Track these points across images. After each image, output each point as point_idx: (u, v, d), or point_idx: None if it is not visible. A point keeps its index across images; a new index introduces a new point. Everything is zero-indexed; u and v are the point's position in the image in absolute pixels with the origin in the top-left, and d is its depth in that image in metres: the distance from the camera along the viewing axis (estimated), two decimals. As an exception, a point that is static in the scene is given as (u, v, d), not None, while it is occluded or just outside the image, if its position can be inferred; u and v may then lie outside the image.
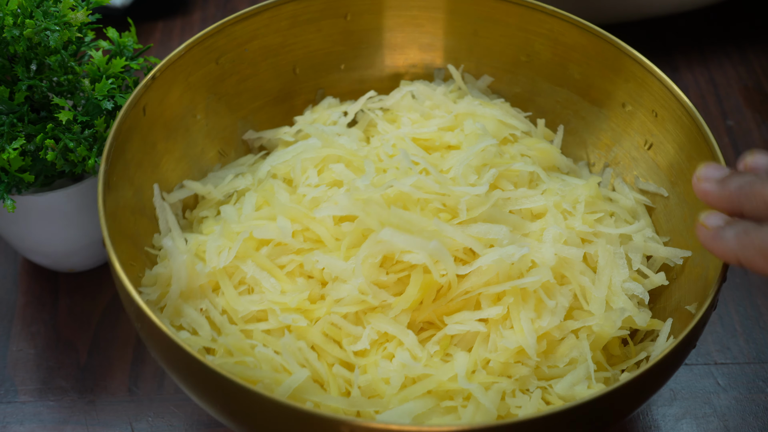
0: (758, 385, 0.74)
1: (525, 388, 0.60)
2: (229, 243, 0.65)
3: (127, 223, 0.66)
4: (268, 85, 0.79)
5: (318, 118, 0.77)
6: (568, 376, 0.60)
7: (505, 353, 0.60)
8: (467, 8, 0.78)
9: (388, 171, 0.66)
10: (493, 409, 0.58)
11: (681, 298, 0.66)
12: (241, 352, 0.60)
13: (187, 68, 0.72)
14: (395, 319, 0.61)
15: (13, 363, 0.77)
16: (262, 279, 0.64)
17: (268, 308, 0.63)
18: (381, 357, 0.61)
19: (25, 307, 0.81)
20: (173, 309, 0.64)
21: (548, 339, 0.61)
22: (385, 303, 0.62)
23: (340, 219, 0.65)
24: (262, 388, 0.58)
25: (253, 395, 0.52)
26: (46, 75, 0.70)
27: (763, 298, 0.80)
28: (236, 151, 0.78)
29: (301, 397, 0.58)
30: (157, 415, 0.73)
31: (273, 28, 0.77)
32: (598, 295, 0.63)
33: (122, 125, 0.66)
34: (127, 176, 0.67)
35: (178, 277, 0.63)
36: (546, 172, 0.72)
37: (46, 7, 0.69)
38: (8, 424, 0.73)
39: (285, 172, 0.71)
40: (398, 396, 0.59)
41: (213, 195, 0.72)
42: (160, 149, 0.71)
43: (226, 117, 0.77)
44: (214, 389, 0.55)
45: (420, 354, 0.60)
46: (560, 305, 0.62)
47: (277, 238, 0.65)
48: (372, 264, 0.62)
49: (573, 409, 0.52)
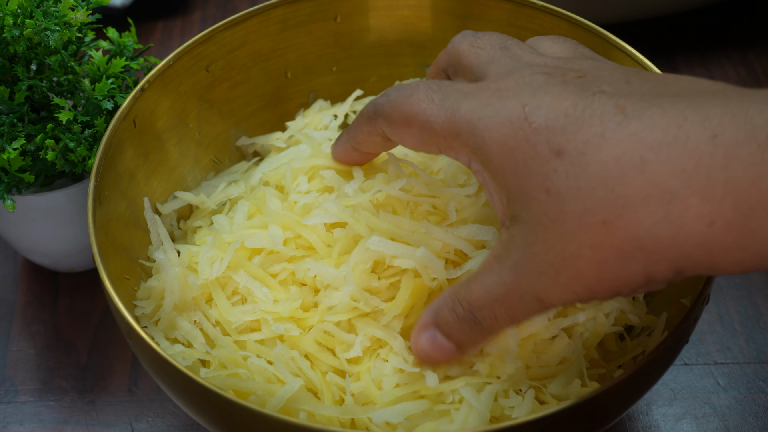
0: (758, 385, 0.74)
1: (517, 388, 0.60)
2: (221, 253, 0.65)
3: (121, 236, 0.66)
4: (260, 91, 0.79)
5: (309, 122, 0.77)
6: (561, 375, 0.60)
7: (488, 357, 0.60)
8: (456, 6, 0.78)
9: (376, 175, 0.66)
10: (486, 411, 0.57)
11: (675, 292, 0.65)
12: (234, 364, 0.61)
13: (177, 77, 0.73)
14: (387, 325, 0.61)
15: (13, 363, 0.78)
16: (255, 288, 0.64)
17: (260, 318, 0.63)
18: (373, 363, 0.61)
19: (25, 307, 0.82)
20: (167, 322, 0.64)
21: (537, 339, 0.61)
22: (377, 309, 0.62)
23: (332, 225, 0.65)
24: (255, 400, 0.58)
25: (244, 410, 0.52)
26: (46, 75, 0.70)
27: (763, 298, 0.79)
28: (230, 158, 0.78)
29: (295, 408, 0.58)
30: (157, 415, 0.74)
31: (263, 33, 0.77)
32: None
33: (112, 139, 0.66)
34: (120, 189, 0.67)
35: (171, 290, 0.64)
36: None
37: (46, 7, 0.69)
38: (8, 424, 0.74)
39: (276, 180, 0.71)
40: (390, 400, 0.59)
41: (206, 204, 0.72)
42: (153, 160, 0.72)
43: (218, 124, 0.77)
44: (206, 404, 0.55)
45: (409, 357, 0.61)
46: None
47: (269, 246, 0.65)
48: (363, 270, 0.62)
49: (570, 408, 0.52)
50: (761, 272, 0.80)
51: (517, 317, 0.52)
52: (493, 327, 0.53)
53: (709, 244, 0.44)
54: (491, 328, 0.54)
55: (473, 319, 0.53)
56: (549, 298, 0.50)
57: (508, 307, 0.51)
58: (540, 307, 0.51)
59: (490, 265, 0.52)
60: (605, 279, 0.47)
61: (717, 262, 0.45)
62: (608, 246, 0.46)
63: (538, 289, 0.49)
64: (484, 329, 0.54)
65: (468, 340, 0.55)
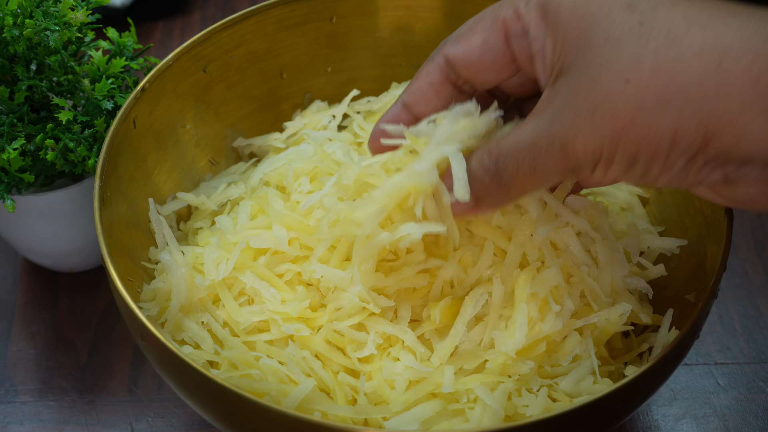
0: (758, 385, 0.75)
1: (529, 387, 0.60)
2: (227, 254, 0.65)
3: (123, 238, 0.66)
4: (256, 91, 0.78)
5: (308, 123, 0.77)
6: (573, 373, 0.60)
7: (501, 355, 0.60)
8: (451, 6, 0.78)
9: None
10: (500, 409, 0.57)
11: (679, 288, 0.66)
12: (246, 364, 0.60)
13: (175, 78, 0.72)
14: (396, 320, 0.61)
15: (13, 363, 0.77)
16: (262, 289, 0.63)
17: (269, 318, 0.62)
18: (385, 362, 0.61)
19: (25, 307, 0.81)
20: (174, 324, 0.63)
21: (548, 340, 0.61)
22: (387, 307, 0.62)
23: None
24: (269, 400, 0.57)
25: (262, 408, 0.52)
26: (46, 75, 0.70)
27: (763, 298, 0.80)
28: (227, 160, 0.78)
29: (309, 408, 0.58)
30: (157, 415, 0.73)
31: (259, 33, 0.76)
32: (602, 293, 0.63)
33: (114, 139, 0.65)
34: (120, 190, 0.67)
35: (178, 291, 0.63)
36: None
37: (46, 7, 0.69)
38: (8, 424, 0.73)
39: (278, 180, 0.71)
40: (403, 400, 0.59)
41: (206, 205, 0.71)
42: (152, 161, 0.71)
43: (215, 125, 0.76)
44: (221, 404, 0.55)
45: (422, 349, 0.60)
46: (566, 309, 0.61)
47: (274, 246, 0.65)
48: (368, 270, 0.61)
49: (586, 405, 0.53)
50: (761, 272, 0.81)
51: (538, 169, 0.52)
52: (513, 180, 0.54)
53: (746, 104, 0.46)
54: (510, 182, 0.54)
55: (495, 170, 0.54)
56: (575, 144, 0.50)
57: (532, 155, 0.52)
58: (562, 159, 0.51)
59: (526, 122, 0.53)
60: (635, 126, 0.48)
61: (746, 129, 0.47)
62: (652, 90, 0.48)
63: (567, 134, 0.50)
64: (503, 183, 0.54)
65: (485, 194, 0.55)
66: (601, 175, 0.51)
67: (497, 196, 0.55)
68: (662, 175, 0.50)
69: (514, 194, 0.55)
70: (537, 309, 0.60)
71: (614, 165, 0.50)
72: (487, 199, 0.55)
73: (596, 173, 0.51)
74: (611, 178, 0.52)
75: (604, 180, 0.55)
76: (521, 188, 0.54)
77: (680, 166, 0.49)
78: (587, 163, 0.51)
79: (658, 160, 0.49)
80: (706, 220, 0.65)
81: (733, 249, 0.83)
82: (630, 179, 0.52)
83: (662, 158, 0.49)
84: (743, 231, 0.84)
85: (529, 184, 0.54)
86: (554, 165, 0.52)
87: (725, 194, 0.51)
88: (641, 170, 0.50)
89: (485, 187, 0.55)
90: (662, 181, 0.51)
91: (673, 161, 0.49)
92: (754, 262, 0.82)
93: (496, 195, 0.55)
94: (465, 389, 0.59)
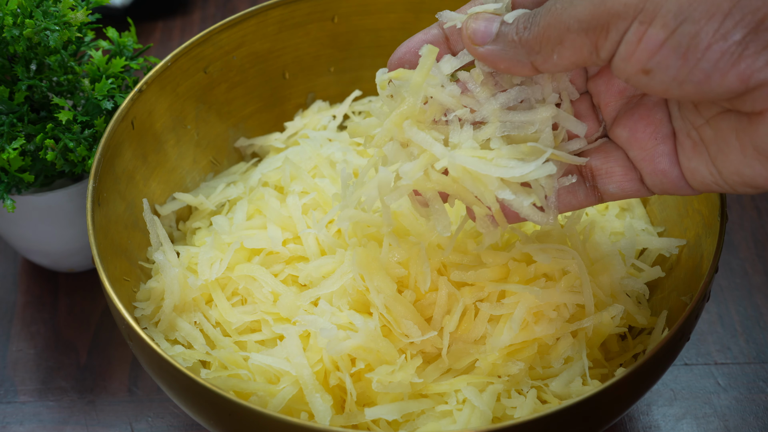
0: (758, 385, 0.74)
1: (519, 388, 0.60)
2: (221, 254, 0.65)
3: (120, 238, 0.66)
4: (258, 92, 0.78)
5: (308, 123, 0.77)
6: (564, 374, 0.60)
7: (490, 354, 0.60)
8: (453, 6, 0.77)
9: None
10: (488, 411, 0.57)
11: (676, 289, 0.65)
12: (235, 365, 0.61)
13: (175, 79, 0.72)
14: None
15: (13, 363, 0.78)
16: (255, 289, 0.64)
17: (261, 319, 0.63)
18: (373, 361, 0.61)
19: (25, 307, 0.81)
20: (167, 323, 0.64)
21: (540, 342, 0.61)
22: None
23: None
24: (256, 400, 0.58)
25: (246, 410, 0.52)
26: (46, 75, 0.70)
27: (763, 298, 0.79)
28: (228, 159, 0.78)
29: (296, 408, 0.58)
30: (157, 415, 0.74)
31: (260, 34, 0.76)
32: (599, 294, 0.63)
33: (110, 141, 0.66)
34: (118, 191, 0.67)
35: (171, 291, 0.64)
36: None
37: (46, 7, 0.69)
38: (8, 424, 0.74)
39: (276, 180, 0.71)
40: (390, 398, 0.59)
41: (205, 206, 0.72)
42: (152, 161, 0.71)
43: (216, 125, 0.77)
44: (207, 405, 0.55)
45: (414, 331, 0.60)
46: (561, 316, 0.61)
47: (268, 247, 0.65)
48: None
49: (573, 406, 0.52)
50: (761, 272, 0.80)
51: (568, 17, 0.47)
52: (541, 29, 0.48)
53: None
54: (539, 31, 0.48)
55: (530, 23, 0.49)
56: None
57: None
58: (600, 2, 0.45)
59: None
60: None
61: None
62: None
63: None
64: (531, 30, 0.49)
65: (508, 43, 0.51)
66: (633, 42, 0.44)
67: (518, 45, 0.50)
68: (711, 47, 0.42)
69: (534, 47, 0.49)
70: (532, 314, 0.60)
71: (656, 23, 0.43)
72: (508, 46, 0.51)
73: (629, 36, 0.44)
74: (647, 51, 0.44)
75: (632, 60, 0.45)
76: (544, 40, 0.48)
77: (736, 38, 0.41)
78: (626, 13, 0.43)
79: (713, 19, 0.41)
80: (704, 221, 0.64)
81: (733, 249, 0.82)
82: (668, 55, 0.43)
83: (718, 18, 0.41)
84: (743, 231, 0.83)
85: (554, 34, 0.47)
86: (587, 12, 0.45)
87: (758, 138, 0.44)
88: (688, 35, 0.42)
89: (512, 35, 0.50)
90: (706, 64, 0.42)
91: (728, 29, 0.41)
92: (754, 262, 0.81)
93: (517, 44, 0.50)
94: (453, 390, 0.59)
